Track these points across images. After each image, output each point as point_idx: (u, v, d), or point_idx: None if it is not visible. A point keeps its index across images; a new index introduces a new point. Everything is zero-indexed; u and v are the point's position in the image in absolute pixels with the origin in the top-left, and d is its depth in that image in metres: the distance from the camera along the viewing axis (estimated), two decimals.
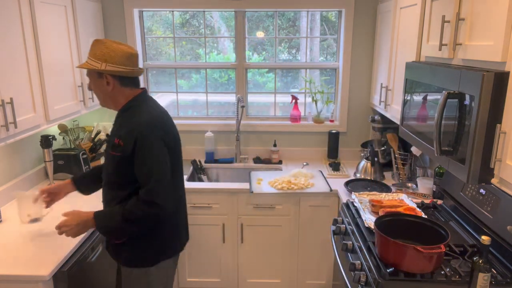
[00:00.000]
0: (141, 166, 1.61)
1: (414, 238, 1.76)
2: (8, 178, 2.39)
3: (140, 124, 1.62)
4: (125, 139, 1.62)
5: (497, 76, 1.32)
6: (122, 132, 1.64)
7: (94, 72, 1.66)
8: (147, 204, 1.60)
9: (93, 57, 1.64)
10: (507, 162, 1.31)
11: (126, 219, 1.61)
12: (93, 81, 1.70)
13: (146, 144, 1.61)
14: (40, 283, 1.64)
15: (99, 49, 1.64)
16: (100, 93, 1.71)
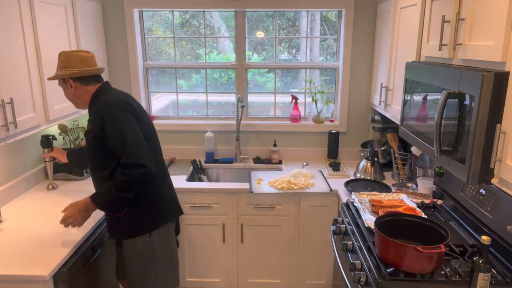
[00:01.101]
0: (114, 138, 1.79)
1: (414, 238, 1.76)
2: (8, 178, 2.39)
3: (103, 104, 1.85)
4: (93, 120, 1.85)
5: (497, 76, 1.32)
6: (90, 118, 1.90)
7: (60, 79, 1.91)
8: (131, 167, 1.77)
9: (58, 67, 1.90)
10: (507, 162, 1.31)
11: (119, 188, 1.80)
12: (62, 87, 1.94)
13: (112, 117, 1.80)
14: (40, 283, 1.65)
15: (59, 59, 1.89)
16: (69, 96, 1.95)
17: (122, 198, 1.83)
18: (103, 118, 1.80)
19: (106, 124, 1.80)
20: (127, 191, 1.81)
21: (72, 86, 1.89)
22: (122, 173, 1.78)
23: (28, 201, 2.38)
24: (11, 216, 2.18)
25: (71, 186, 2.64)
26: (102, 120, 1.80)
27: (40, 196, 2.46)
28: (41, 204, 2.33)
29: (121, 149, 1.78)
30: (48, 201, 2.38)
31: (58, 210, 2.23)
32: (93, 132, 1.84)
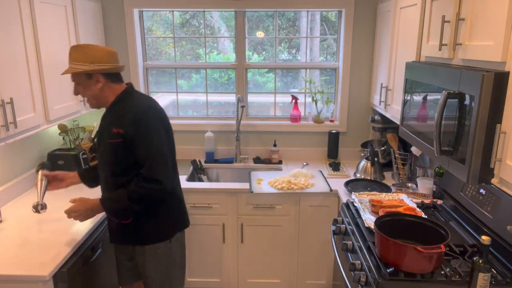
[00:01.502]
0: (143, 146, 1.74)
1: (414, 238, 1.76)
2: (8, 178, 2.39)
3: (140, 109, 1.77)
4: (126, 125, 1.74)
5: (497, 76, 1.32)
6: (120, 121, 1.76)
7: (82, 74, 1.75)
8: (149, 181, 1.75)
9: (77, 61, 1.74)
10: (507, 162, 1.31)
11: (131, 198, 1.76)
12: (81, 84, 1.78)
13: (148, 126, 1.75)
14: (40, 283, 1.64)
15: (82, 53, 1.74)
16: (91, 93, 1.80)
17: (131, 209, 1.79)
18: (139, 125, 1.74)
19: (140, 132, 1.74)
20: (139, 203, 1.79)
21: (100, 82, 1.77)
22: (138, 185, 1.75)
23: (28, 201, 2.38)
24: (11, 216, 2.18)
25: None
26: (138, 127, 1.74)
27: None
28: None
29: (145, 160, 1.75)
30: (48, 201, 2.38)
31: (58, 210, 2.23)
32: (125, 137, 1.75)
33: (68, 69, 1.75)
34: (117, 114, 1.80)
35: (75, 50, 1.75)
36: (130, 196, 1.76)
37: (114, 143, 1.77)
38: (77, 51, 1.74)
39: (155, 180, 1.75)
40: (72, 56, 1.74)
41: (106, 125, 1.84)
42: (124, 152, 1.77)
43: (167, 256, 1.94)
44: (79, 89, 1.80)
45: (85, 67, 1.73)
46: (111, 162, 1.83)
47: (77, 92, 1.81)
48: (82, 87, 1.79)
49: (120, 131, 1.75)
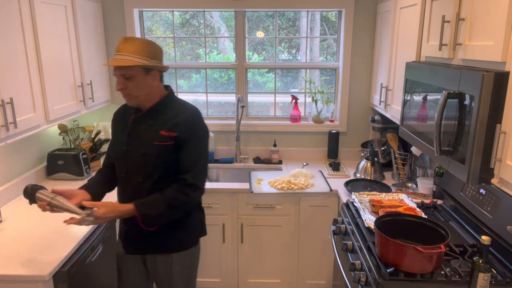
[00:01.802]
0: (193, 152, 1.70)
1: (414, 238, 1.76)
2: (8, 178, 2.39)
3: (194, 114, 1.73)
4: (181, 128, 1.67)
5: (497, 76, 1.32)
6: (171, 123, 1.68)
7: (140, 68, 1.63)
8: (192, 188, 1.69)
9: (136, 54, 1.60)
10: (507, 162, 1.31)
11: (171, 205, 1.68)
12: (136, 78, 1.63)
13: (201, 132, 1.73)
14: (40, 283, 1.64)
15: (141, 46, 1.62)
16: (142, 91, 1.67)
17: (168, 216, 1.71)
18: (195, 130, 1.70)
19: (194, 137, 1.69)
20: (177, 210, 1.71)
21: (156, 79, 1.69)
22: (181, 191, 1.68)
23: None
24: (11, 216, 2.18)
25: (71, 185, 2.63)
26: (193, 132, 1.69)
27: None
28: None
29: (191, 167, 1.69)
30: None
31: None
32: (177, 140, 1.67)
33: (127, 61, 1.59)
34: (164, 116, 1.71)
35: (133, 43, 1.62)
36: (169, 203, 1.67)
37: (163, 145, 1.68)
38: (135, 45, 1.61)
39: (198, 187, 1.71)
40: (129, 49, 1.60)
41: (145, 127, 1.72)
42: (174, 156, 1.69)
43: (191, 263, 1.88)
44: (129, 84, 1.63)
45: (145, 61, 1.62)
46: (157, 166, 1.70)
47: (122, 87, 1.64)
48: (134, 82, 1.63)
49: (172, 134, 1.67)
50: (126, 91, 1.65)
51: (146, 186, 1.71)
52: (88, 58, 2.73)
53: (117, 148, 1.79)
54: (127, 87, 1.65)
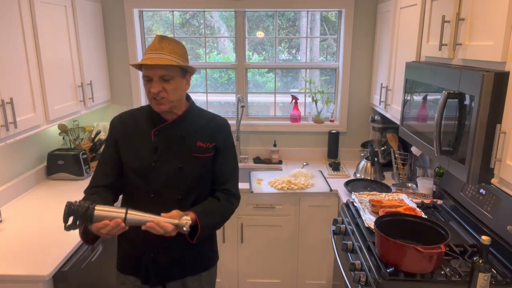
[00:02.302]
0: (229, 161, 1.63)
1: (414, 238, 1.76)
2: (8, 178, 2.39)
3: (224, 121, 1.66)
4: (217, 137, 1.59)
5: (497, 76, 1.32)
6: (207, 133, 1.58)
7: (178, 70, 1.48)
8: (236, 198, 1.64)
9: (175, 54, 1.47)
10: (507, 162, 1.31)
11: (224, 215, 1.59)
12: (174, 80, 1.48)
13: (232, 139, 1.67)
14: (40, 283, 1.64)
15: (176, 45, 1.49)
16: (177, 95, 1.51)
17: (218, 226, 1.62)
18: (228, 137, 1.63)
19: (229, 145, 1.63)
20: (226, 219, 1.62)
21: (189, 83, 1.57)
22: (229, 200, 1.60)
23: (28, 201, 2.38)
24: (11, 216, 2.18)
25: (71, 185, 2.64)
26: (228, 139, 1.63)
27: (40, 196, 2.46)
28: (41, 204, 2.33)
29: (231, 176, 1.62)
30: (48, 201, 2.38)
31: (58, 210, 2.23)
32: (216, 150, 1.59)
33: (169, 60, 1.44)
34: (196, 125, 1.59)
35: (170, 42, 1.48)
36: (224, 212, 1.58)
37: (203, 158, 1.56)
38: (172, 44, 1.48)
39: (239, 197, 1.65)
40: (167, 47, 1.46)
41: (177, 138, 1.56)
42: (210, 167, 1.59)
43: (215, 279, 1.77)
44: (166, 86, 1.46)
45: (184, 63, 1.49)
46: (194, 179, 1.56)
47: (160, 89, 1.46)
48: (172, 85, 1.47)
49: (210, 145, 1.57)
50: (162, 94, 1.47)
51: (186, 203, 1.54)
52: (88, 58, 2.73)
53: (141, 164, 1.54)
54: (166, 89, 1.47)
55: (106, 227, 1.30)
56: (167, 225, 1.35)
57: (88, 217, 1.27)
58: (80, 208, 1.25)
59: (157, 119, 1.57)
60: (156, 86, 1.45)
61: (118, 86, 3.19)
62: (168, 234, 1.37)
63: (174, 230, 1.37)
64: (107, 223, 1.30)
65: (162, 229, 1.35)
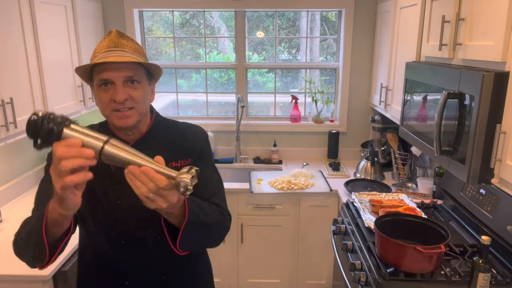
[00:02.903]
0: (208, 174, 1.28)
1: (414, 238, 1.76)
2: (8, 178, 2.39)
3: (201, 132, 1.38)
4: (191, 151, 1.28)
5: (497, 76, 1.32)
6: (179, 148, 1.27)
7: (146, 73, 1.19)
8: (228, 217, 1.33)
9: (138, 54, 1.16)
10: (507, 162, 1.31)
11: (218, 220, 1.22)
12: (143, 86, 1.17)
13: (210, 153, 1.38)
14: (40, 283, 1.65)
15: (138, 46, 1.19)
16: (146, 105, 1.22)
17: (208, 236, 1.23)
18: (204, 149, 1.33)
19: (206, 154, 1.33)
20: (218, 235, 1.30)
21: (153, 92, 1.29)
22: (222, 213, 1.30)
23: (28, 201, 2.38)
24: (11, 216, 2.18)
25: None
26: (204, 149, 1.33)
27: None
28: None
29: (214, 190, 1.29)
30: None
31: None
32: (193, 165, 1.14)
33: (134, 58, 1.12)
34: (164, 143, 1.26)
35: (133, 40, 1.19)
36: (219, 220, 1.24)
37: None
38: (134, 42, 1.18)
39: (230, 216, 1.35)
40: (129, 45, 1.16)
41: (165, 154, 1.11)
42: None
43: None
44: (135, 92, 1.14)
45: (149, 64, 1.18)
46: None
47: (125, 97, 1.11)
48: (141, 91, 1.15)
49: (185, 162, 1.26)
50: (129, 103, 1.13)
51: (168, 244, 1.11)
52: (88, 58, 2.73)
53: (100, 206, 1.20)
54: (132, 97, 1.13)
55: (67, 156, 0.82)
56: (159, 176, 0.87)
57: (52, 137, 0.86)
58: (43, 125, 0.86)
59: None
60: (121, 92, 1.10)
61: None
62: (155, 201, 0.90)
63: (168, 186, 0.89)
64: (71, 149, 0.83)
65: (152, 182, 0.87)
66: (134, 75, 1.13)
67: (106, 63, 1.09)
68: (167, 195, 0.90)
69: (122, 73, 1.11)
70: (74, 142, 0.84)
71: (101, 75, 1.10)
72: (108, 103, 1.12)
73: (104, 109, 1.14)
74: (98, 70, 1.11)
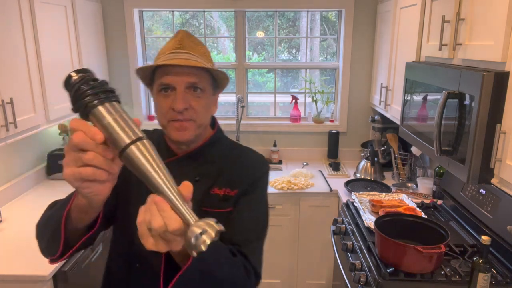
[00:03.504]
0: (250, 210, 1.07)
1: (414, 238, 1.75)
2: (8, 178, 2.39)
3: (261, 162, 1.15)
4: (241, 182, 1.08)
5: (497, 76, 1.32)
6: (229, 174, 1.08)
7: (211, 82, 1.06)
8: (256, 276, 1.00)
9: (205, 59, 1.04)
10: (507, 162, 1.31)
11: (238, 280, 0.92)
12: (206, 95, 1.03)
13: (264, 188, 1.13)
14: (40, 283, 1.64)
15: (206, 50, 1.07)
16: (207, 117, 1.07)
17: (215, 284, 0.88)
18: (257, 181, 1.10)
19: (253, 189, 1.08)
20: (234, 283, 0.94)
21: (216, 105, 1.13)
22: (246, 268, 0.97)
23: (28, 201, 2.38)
24: (11, 216, 2.18)
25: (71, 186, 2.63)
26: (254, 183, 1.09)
27: (40, 196, 2.46)
28: (41, 204, 2.33)
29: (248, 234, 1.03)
30: (48, 201, 2.38)
31: None
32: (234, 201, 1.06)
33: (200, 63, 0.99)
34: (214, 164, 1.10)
35: (201, 44, 1.07)
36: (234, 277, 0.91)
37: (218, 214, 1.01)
38: (202, 46, 1.06)
39: (259, 275, 1.01)
40: (197, 49, 1.04)
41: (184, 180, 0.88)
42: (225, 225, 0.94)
43: None
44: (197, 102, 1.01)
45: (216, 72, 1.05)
46: None
47: (185, 105, 0.98)
48: (204, 100, 1.03)
49: (230, 192, 1.06)
50: (189, 114, 1.00)
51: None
52: (88, 58, 2.73)
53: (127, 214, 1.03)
54: (192, 107, 1.00)
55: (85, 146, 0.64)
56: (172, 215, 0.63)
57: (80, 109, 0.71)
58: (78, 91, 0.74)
59: (165, 151, 1.10)
60: (181, 100, 0.97)
61: (118, 86, 3.19)
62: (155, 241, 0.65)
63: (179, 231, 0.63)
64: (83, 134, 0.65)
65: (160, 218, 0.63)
66: (198, 81, 1.00)
67: (169, 66, 0.98)
68: (172, 241, 0.65)
69: (185, 78, 0.98)
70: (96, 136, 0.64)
71: (162, 79, 0.99)
72: (167, 112, 0.99)
73: (161, 118, 1.01)
74: (160, 73, 1.00)
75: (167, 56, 1.00)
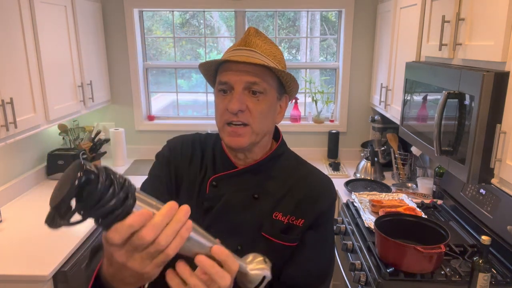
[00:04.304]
0: (319, 255, 0.97)
1: (414, 238, 1.75)
2: (8, 178, 2.39)
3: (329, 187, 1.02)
4: (306, 211, 0.96)
5: (497, 76, 1.32)
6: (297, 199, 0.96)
7: (277, 85, 0.95)
8: None
9: (273, 59, 0.94)
10: (507, 162, 1.31)
11: None
12: (269, 99, 0.93)
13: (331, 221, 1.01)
14: (40, 283, 1.64)
15: (276, 50, 0.97)
16: (266, 124, 0.95)
17: None
18: (325, 213, 0.98)
19: (319, 224, 0.97)
20: None
21: (282, 111, 1.01)
22: None
23: (28, 201, 2.38)
24: (11, 216, 2.18)
25: None
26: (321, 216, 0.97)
27: (40, 196, 2.46)
28: (41, 204, 2.33)
29: (312, 280, 0.96)
30: (48, 201, 2.38)
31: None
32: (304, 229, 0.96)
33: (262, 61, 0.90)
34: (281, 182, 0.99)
35: (272, 43, 0.98)
36: None
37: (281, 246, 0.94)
38: (273, 46, 0.97)
39: None
40: (265, 48, 0.95)
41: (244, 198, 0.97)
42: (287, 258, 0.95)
43: None
44: (255, 105, 0.91)
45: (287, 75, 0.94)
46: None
47: (241, 107, 0.90)
48: (264, 104, 0.92)
49: (296, 222, 0.95)
50: (244, 117, 0.90)
51: None
52: (88, 58, 2.73)
53: None
54: (249, 110, 0.90)
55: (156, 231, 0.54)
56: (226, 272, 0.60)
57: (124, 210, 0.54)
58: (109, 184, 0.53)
59: (223, 161, 1.00)
60: (236, 100, 0.89)
61: (118, 86, 3.19)
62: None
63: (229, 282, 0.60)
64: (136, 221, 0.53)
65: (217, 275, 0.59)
66: (259, 82, 0.89)
67: (229, 62, 0.90)
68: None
69: (244, 77, 0.89)
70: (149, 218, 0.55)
71: (220, 77, 0.93)
72: (222, 113, 0.91)
73: (218, 119, 0.94)
74: (220, 71, 0.94)
75: (230, 53, 0.93)
